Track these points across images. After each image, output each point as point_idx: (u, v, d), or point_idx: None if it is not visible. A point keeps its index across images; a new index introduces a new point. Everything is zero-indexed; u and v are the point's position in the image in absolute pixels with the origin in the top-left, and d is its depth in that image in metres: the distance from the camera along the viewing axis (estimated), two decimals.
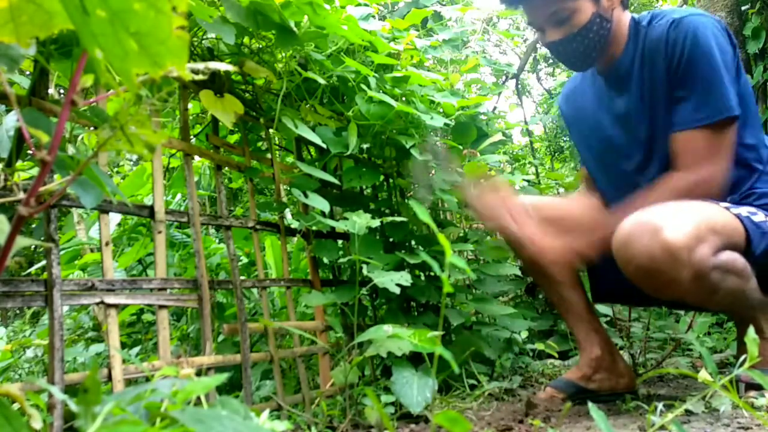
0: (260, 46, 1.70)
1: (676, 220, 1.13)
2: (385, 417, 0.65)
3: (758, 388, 1.25)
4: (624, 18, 1.39)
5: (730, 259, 1.20)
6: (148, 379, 0.80)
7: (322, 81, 1.63)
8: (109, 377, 1.12)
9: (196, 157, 1.56)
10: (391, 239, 1.99)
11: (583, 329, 1.64)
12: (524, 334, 2.34)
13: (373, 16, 1.87)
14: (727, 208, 1.30)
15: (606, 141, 1.43)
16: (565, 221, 1.43)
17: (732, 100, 1.27)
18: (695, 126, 1.27)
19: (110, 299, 1.16)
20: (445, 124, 1.91)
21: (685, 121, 1.29)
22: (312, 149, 1.98)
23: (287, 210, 2.38)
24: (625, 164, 1.42)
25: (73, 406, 0.54)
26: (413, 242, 2.05)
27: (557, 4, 1.29)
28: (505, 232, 1.29)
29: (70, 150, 1.15)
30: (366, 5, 1.86)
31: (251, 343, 1.88)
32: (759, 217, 1.33)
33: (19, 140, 1.05)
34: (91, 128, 1.15)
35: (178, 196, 2.96)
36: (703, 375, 1.06)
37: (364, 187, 2.11)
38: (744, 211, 1.32)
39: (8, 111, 1.21)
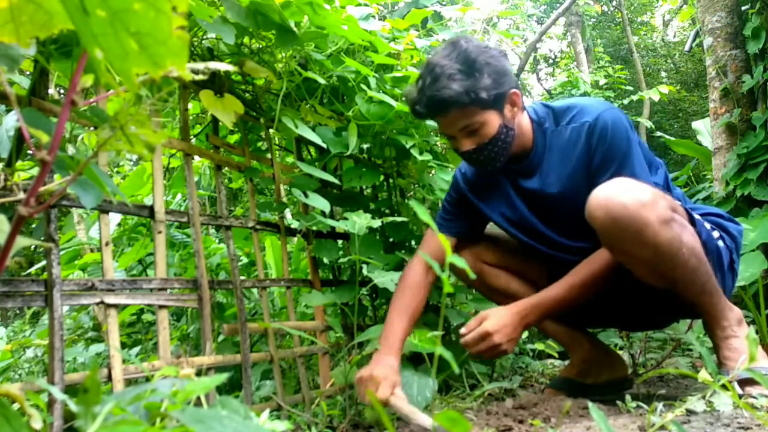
0: (260, 46, 1.70)
1: (638, 186, 1.31)
2: (385, 417, 0.65)
3: (752, 382, 1.28)
4: (524, 119, 1.50)
5: (682, 218, 1.35)
6: (148, 379, 0.80)
7: (322, 81, 1.63)
8: (109, 377, 1.12)
9: (196, 157, 1.56)
10: (391, 239, 1.99)
11: (566, 331, 1.71)
12: (524, 334, 2.34)
13: (373, 16, 1.86)
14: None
15: (527, 219, 1.57)
16: None
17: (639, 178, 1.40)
18: None
19: (110, 299, 1.16)
20: None
21: None
22: (312, 149, 1.98)
23: (287, 210, 2.38)
24: (550, 232, 1.55)
25: (73, 406, 0.54)
26: (413, 242, 2.05)
27: (468, 119, 1.39)
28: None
29: (70, 150, 1.15)
30: (366, 5, 1.86)
31: (251, 343, 1.87)
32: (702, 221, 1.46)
33: (19, 140, 1.05)
34: (91, 128, 1.15)
35: (178, 196, 2.96)
36: (703, 375, 1.07)
37: (364, 187, 2.11)
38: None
39: (8, 111, 1.21)
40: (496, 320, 1.41)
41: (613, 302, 1.59)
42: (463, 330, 1.43)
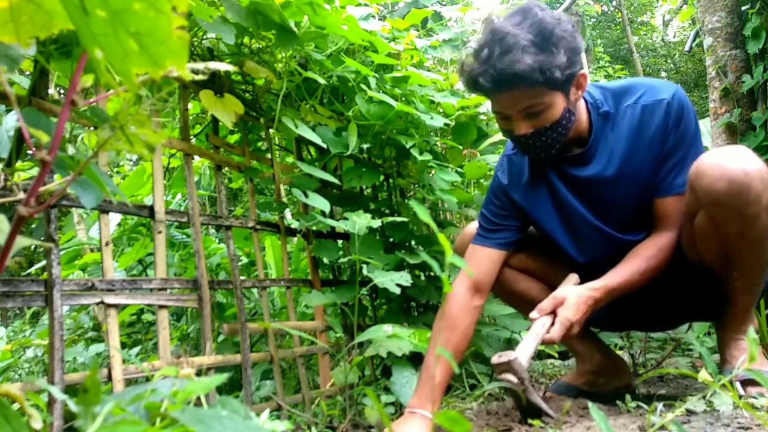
0: (260, 46, 1.70)
1: (760, 161, 1.21)
2: (385, 417, 0.65)
3: (754, 383, 1.27)
4: (581, 103, 1.40)
5: None
6: (148, 379, 0.80)
7: (322, 81, 1.63)
8: (109, 377, 1.12)
9: (196, 157, 1.56)
10: (391, 239, 1.99)
11: (579, 339, 1.66)
12: (524, 334, 2.34)
13: (373, 16, 1.87)
14: None
15: (577, 212, 1.46)
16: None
17: None
18: (674, 193, 1.36)
19: (110, 299, 1.16)
20: (445, 124, 1.91)
21: (667, 188, 1.37)
22: (312, 149, 1.98)
23: (287, 210, 2.38)
24: (599, 223, 1.45)
25: (73, 406, 0.54)
26: (413, 242, 2.05)
27: (533, 99, 1.25)
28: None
29: (70, 150, 1.15)
30: (366, 5, 1.86)
31: (251, 343, 1.87)
32: None
33: (19, 140, 1.05)
34: (91, 128, 1.15)
35: (178, 196, 2.96)
36: (703, 375, 1.07)
37: (364, 187, 2.11)
38: None
39: (8, 111, 1.21)
40: (574, 307, 1.28)
41: (640, 304, 1.53)
42: (534, 314, 1.30)
